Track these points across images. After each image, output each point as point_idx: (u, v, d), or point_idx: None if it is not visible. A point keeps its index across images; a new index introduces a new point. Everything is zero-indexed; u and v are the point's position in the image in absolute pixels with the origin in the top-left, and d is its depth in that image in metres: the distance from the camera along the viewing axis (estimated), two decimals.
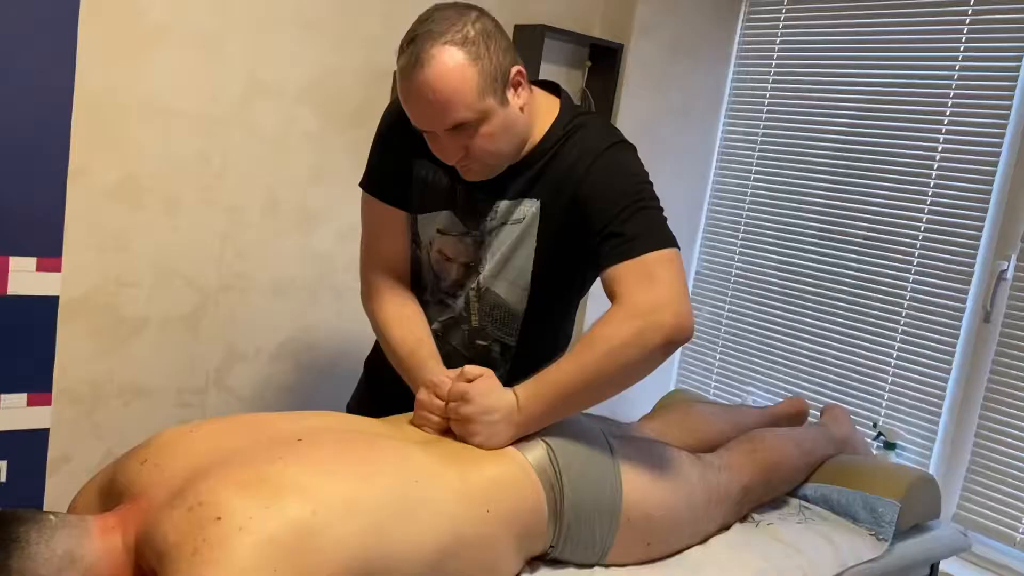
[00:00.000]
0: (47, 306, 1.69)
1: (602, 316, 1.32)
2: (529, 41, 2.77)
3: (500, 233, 1.48)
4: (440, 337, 1.57)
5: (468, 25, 1.30)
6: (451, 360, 1.53)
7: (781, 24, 2.96)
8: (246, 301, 2.49)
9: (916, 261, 2.53)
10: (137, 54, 2.19)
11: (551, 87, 1.53)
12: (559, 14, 2.89)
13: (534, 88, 1.47)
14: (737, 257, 3.06)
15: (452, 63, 1.28)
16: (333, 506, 1.05)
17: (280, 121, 2.44)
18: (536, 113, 1.44)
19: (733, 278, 3.07)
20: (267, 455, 1.11)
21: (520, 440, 1.33)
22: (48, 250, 1.66)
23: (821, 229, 2.78)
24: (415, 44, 1.29)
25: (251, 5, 2.33)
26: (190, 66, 2.27)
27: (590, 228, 1.38)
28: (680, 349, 3.16)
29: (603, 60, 2.95)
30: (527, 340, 1.56)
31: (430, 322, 1.58)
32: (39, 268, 1.66)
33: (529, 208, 1.45)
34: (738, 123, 3.09)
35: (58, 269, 1.69)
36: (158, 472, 1.12)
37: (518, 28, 2.81)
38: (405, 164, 1.54)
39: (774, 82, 2.97)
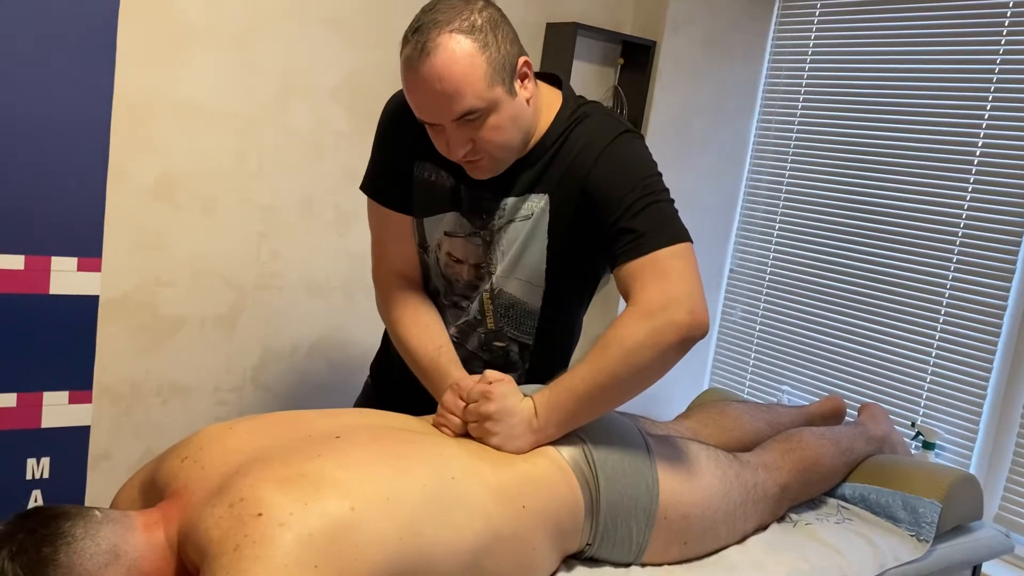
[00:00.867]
0: (88, 305, 1.70)
1: (617, 318, 1.30)
2: (561, 39, 2.77)
3: (508, 231, 1.45)
4: (457, 342, 1.54)
5: (475, 13, 1.27)
6: (469, 364, 1.52)
7: (816, 18, 2.93)
8: (282, 300, 2.51)
9: (956, 258, 2.49)
10: (174, 56, 2.22)
11: (552, 79, 1.49)
12: (591, 12, 2.89)
13: (537, 81, 1.43)
14: (772, 254, 3.03)
15: (460, 51, 1.25)
16: (372, 502, 1.06)
17: (314, 121, 2.46)
18: (540, 106, 1.41)
19: (768, 275, 3.05)
20: (306, 452, 1.12)
21: None
22: (88, 250, 1.68)
23: (858, 225, 2.75)
24: (420, 33, 1.26)
25: (283, 5, 2.35)
26: (225, 67, 2.29)
27: (600, 222, 1.35)
28: (714, 347, 3.18)
29: (635, 57, 2.93)
30: (544, 337, 1.54)
31: (446, 327, 1.55)
32: (80, 268, 1.68)
33: (537, 203, 1.42)
34: (772, 119, 3.06)
35: (98, 269, 1.70)
36: (198, 469, 1.13)
37: (550, 26, 2.81)
38: (405, 166, 1.50)
39: (809, 77, 2.94)
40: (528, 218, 1.43)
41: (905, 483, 1.76)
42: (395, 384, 1.63)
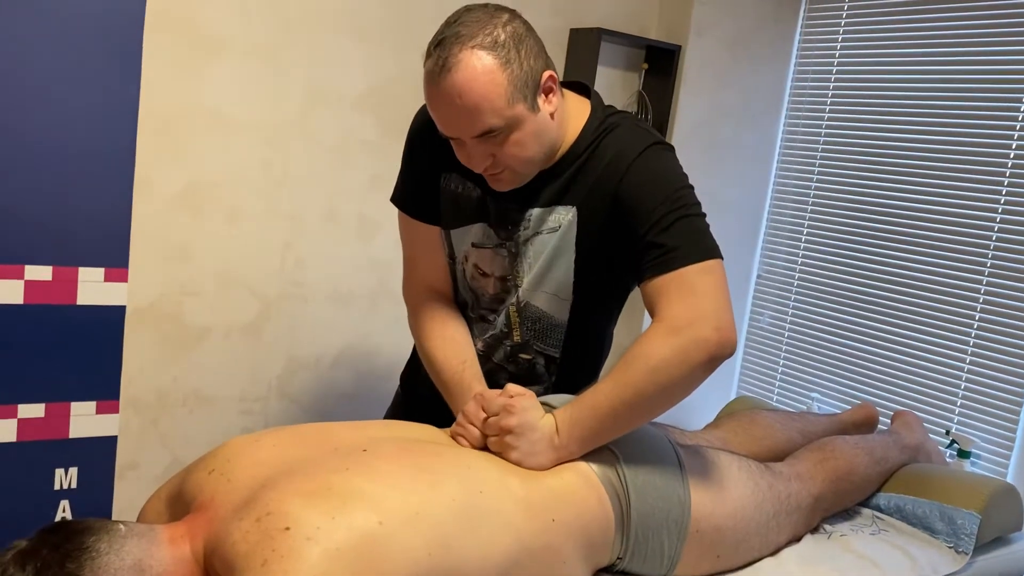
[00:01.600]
0: (114, 316, 1.71)
1: (642, 334, 1.27)
2: (585, 45, 2.75)
3: (534, 243, 1.42)
4: (483, 355, 1.53)
5: (498, 28, 1.24)
6: (495, 376, 1.51)
7: (843, 19, 2.89)
8: (306, 309, 2.51)
9: (990, 261, 2.44)
10: (199, 66, 2.22)
11: (580, 88, 1.46)
12: (615, 17, 2.87)
13: (564, 91, 1.41)
14: (801, 258, 2.99)
15: (481, 68, 1.22)
16: (400, 516, 1.04)
17: (339, 129, 2.45)
18: (566, 116, 1.38)
19: (796, 281, 3.00)
20: (332, 465, 1.11)
21: None
22: (115, 260, 1.69)
23: (888, 230, 2.70)
24: (442, 47, 1.23)
25: (309, 15, 2.35)
26: (250, 77, 2.30)
27: (629, 235, 1.32)
28: (742, 354, 3.14)
29: (660, 62, 2.91)
30: (571, 350, 1.52)
31: (473, 340, 1.54)
32: (107, 278, 1.68)
33: (564, 216, 1.40)
34: (799, 122, 3.03)
35: (125, 279, 1.71)
36: (225, 481, 1.13)
37: (574, 32, 2.79)
38: (433, 178, 1.50)
39: (836, 79, 2.90)
40: (555, 230, 1.41)
41: (942, 493, 1.72)
42: (424, 396, 1.61)
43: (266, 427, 2.48)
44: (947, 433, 2.47)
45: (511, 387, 1.34)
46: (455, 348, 1.50)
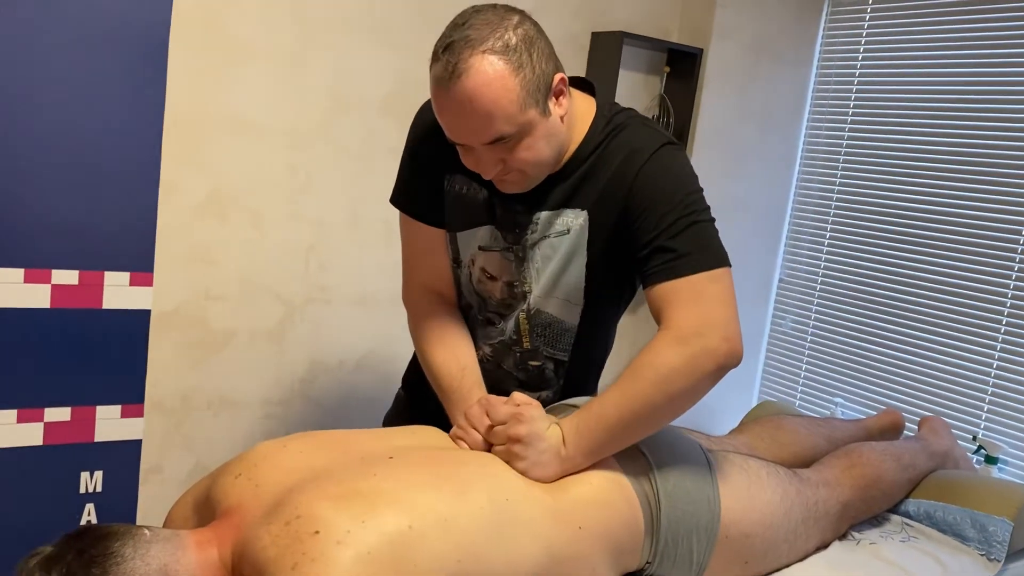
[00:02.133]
0: (140, 320, 1.71)
1: (649, 343, 1.25)
2: (607, 48, 2.75)
3: (542, 247, 1.40)
4: (491, 360, 1.51)
5: (509, 31, 1.20)
6: (504, 384, 1.49)
7: (866, 23, 2.87)
8: (330, 313, 2.51)
9: (1018, 265, 2.41)
10: (224, 72, 2.23)
11: (584, 84, 1.43)
12: (637, 20, 2.86)
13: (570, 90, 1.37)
14: (823, 262, 2.97)
15: (493, 73, 1.18)
16: (429, 521, 1.04)
17: (362, 134, 2.46)
18: (573, 117, 1.34)
19: (819, 284, 2.98)
20: (360, 471, 1.10)
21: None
22: (141, 265, 1.70)
23: (913, 232, 2.68)
24: (451, 51, 1.19)
25: (332, 20, 2.35)
26: (275, 82, 2.30)
27: (638, 238, 1.30)
28: (764, 358, 3.12)
29: (682, 65, 2.90)
30: (580, 353, 1.50)
31: (479, 346, 1.52)
32: (132, 283, 1.69)
33: (574, 220, 1.37)
34: (822, 125, 3.01)
35: (150, 283, 1.72)
36: (252, 486, 1.13)
37: (595, 35, 2.78)
38: (437, 180, 1.46)
39: (859, 82, 2.88)
40: (563, 234, 1.38)
41: (973, 500, 1.70)
42: (428, 397, 1.60)
43: (289, 430, 2.49)
44: (974, 439, 2.44)
45: (518, 396, 1.32)
46: (455, 354, 1.48)
